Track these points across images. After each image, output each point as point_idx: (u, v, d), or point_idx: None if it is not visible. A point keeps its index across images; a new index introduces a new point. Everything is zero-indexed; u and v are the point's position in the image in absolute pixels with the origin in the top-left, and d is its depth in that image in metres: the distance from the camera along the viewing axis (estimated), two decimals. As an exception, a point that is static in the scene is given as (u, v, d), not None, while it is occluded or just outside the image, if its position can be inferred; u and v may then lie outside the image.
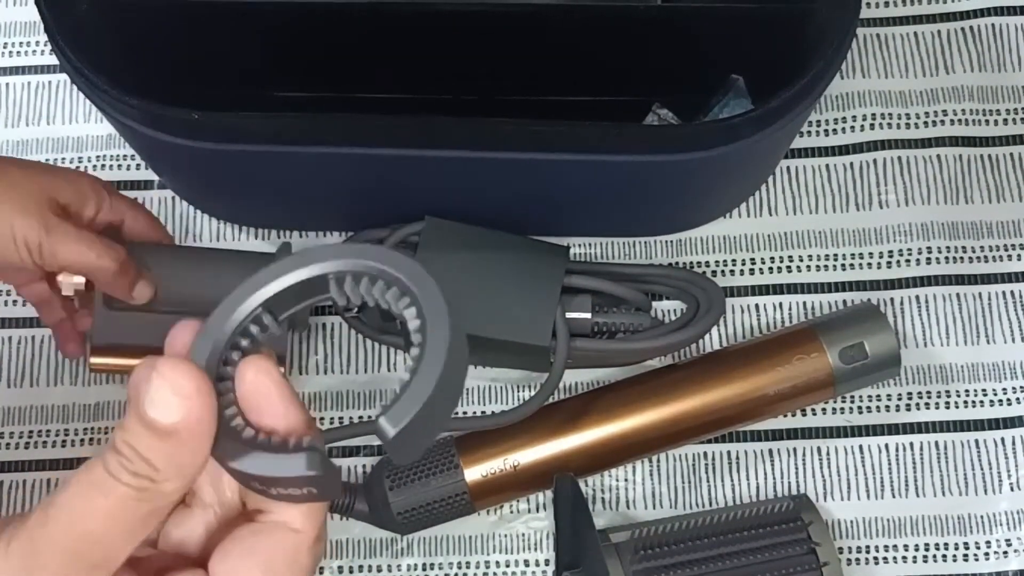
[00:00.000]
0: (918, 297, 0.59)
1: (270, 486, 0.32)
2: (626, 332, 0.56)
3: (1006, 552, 0.56)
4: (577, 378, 0.58)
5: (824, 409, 0.57)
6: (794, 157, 0.61)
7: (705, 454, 0.57)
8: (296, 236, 0.60)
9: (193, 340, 0.34)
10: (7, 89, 0.63)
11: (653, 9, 0.56)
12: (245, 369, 0.33)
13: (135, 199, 0.56)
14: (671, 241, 0.60)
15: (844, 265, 0.60)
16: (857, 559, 0.56)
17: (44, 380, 0.58)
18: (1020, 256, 0.59)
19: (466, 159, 0.51)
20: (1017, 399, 0.57)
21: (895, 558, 0.56)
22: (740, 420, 0.56)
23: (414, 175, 0.54)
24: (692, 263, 0.60)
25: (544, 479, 0.55)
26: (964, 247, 0.60)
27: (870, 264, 0.59)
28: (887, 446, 0.57)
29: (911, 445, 0.57)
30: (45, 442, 0.58)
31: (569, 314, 0.55)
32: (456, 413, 0.58)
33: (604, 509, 0.57)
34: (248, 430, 0.33)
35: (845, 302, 0.59)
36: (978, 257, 0.59)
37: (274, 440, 0.33)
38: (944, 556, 0.56)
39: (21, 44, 0.64)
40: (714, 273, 0.59)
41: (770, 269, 0.60)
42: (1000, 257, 0.59)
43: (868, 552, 0.56)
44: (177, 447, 0.31)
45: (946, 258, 0.59)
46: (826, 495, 0.57)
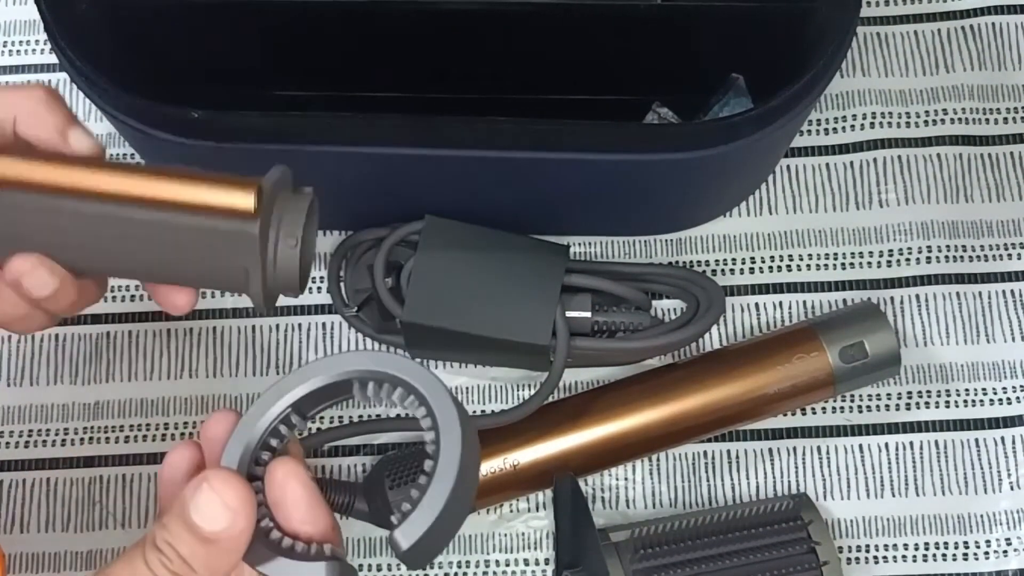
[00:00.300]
0: (918, 296, 0.59)
1: None
2: (626, 331, 0.56)
3: (1006, 551, 0.56)
4: (577, 377, 0.58)
5: (824, 408, 0.57)
6: (794, 156, 0.61)
7: (705, 453, 0.57)
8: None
9: (227, 441, 0.36)
10: (7, 88, 0.63)
11: (653, 8, 0.56)
12: (275, 471, 0.36)
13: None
14: (671, 240, 0.60)
15: (844, 264, 0.60)
16: (857, 558, 0.56)
17: (44, 379, 0.58)
18: (1020, 255, 0.59)
19: (466, 158, 0.51)
20: (1017, 398, 0.57)
21: (895, 557, 0.56)
22: (740, 419, 0.56)
23: (414, 174, 0.54)
24: (692, 262, 0.60)
25: (544, 478, 0.55)
26: (964, 246, 0.60)
27: (870, 263, 0.59)
28: (887, 445, 0.57)
29: (911, 444, 0.57)
30: (45, 441, 0.58)
31: (569, 313, 0.55)
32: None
33: (604, 508, 0.57)
34: (275, 532, 0.35)
35: (845, 301, 0.59)
36: (978, 256, 0.59)
37: (298, 547, 0.35)
38: (944, 555, 0.56)
39: (21, 43, 0.64)
40: (714, 272, 0.59)
41: (770, 268, 0.60)
42: (1000, 256, 0.59)
43: (868, 551, 0.56)
44: (216, 552, 0.34)
45: (946, 257, 0.59)
46: (826, 494, 0.57)
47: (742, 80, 0.59)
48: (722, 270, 0.60)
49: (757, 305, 0.59)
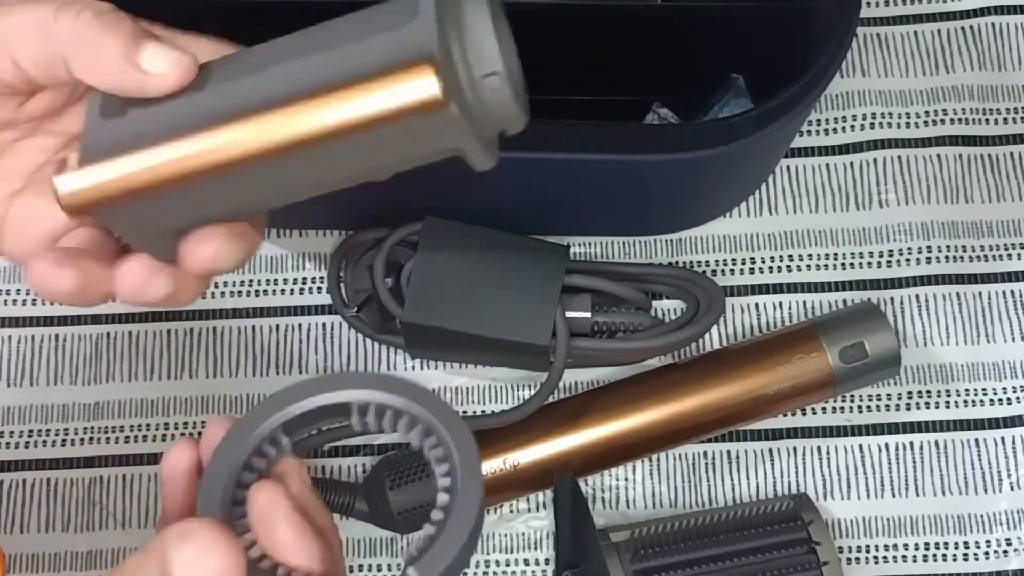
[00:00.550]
0: (918, 296, 0.59)
1: None
2: (626, 331, 0.56)
3: (1006, 552, 0.56)
4: (577, 377, 0.58)
5: (824, 408, 0.57)
6: (794, 156, 0.61)
7: (705, 453, 0.57)
8: (296, 235, 0.60)
9: (208, 462, 0.34)
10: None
11: (653, 8, 0.56)
12: (256, 499, 0.33)
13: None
14: (671, 240, 0.60)
15: (844, 264, 0.60)
16: (857, 558, 0.56)
17: (44, 379, 0.58)
18: (1020, 255, 0.59)
19: (466, 158, 0.51)
20: (1017, 398, 0.57)
21: (895, 557, 0.56)
22: (740, 419, 0.56)
23: (414, 174, 0.53)
24: (692, 262, 0.60)
25: (544, 479, 0.55)
26: (964, 246, 0.60)
27: (870, 263, 0.59)
28: (887, 445, 0.57)
29: (911, 444, 0.57)
30: (45, 441, 0.58)
31: (569, 313, 0.55)
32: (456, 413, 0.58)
33: (604, 508, 0.57)
34: (265, 561, 0.33)
35: (845, 301, 0.59)
36: (978, 256, 0.59)
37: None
38: (944, 555, 0.56)
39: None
40: (714, 272, 0.59)
41: (770, 268, 0.60)
42: (1000, 256, 0.59)
43: (868, 551, 0.56)
44: None
45: (946, 257, 0.59)
46: (826, 494, 0.57)
47: (742, 80, 0.59)
48: (722, 270, 0.60)
49: (757, 305, 0.59)
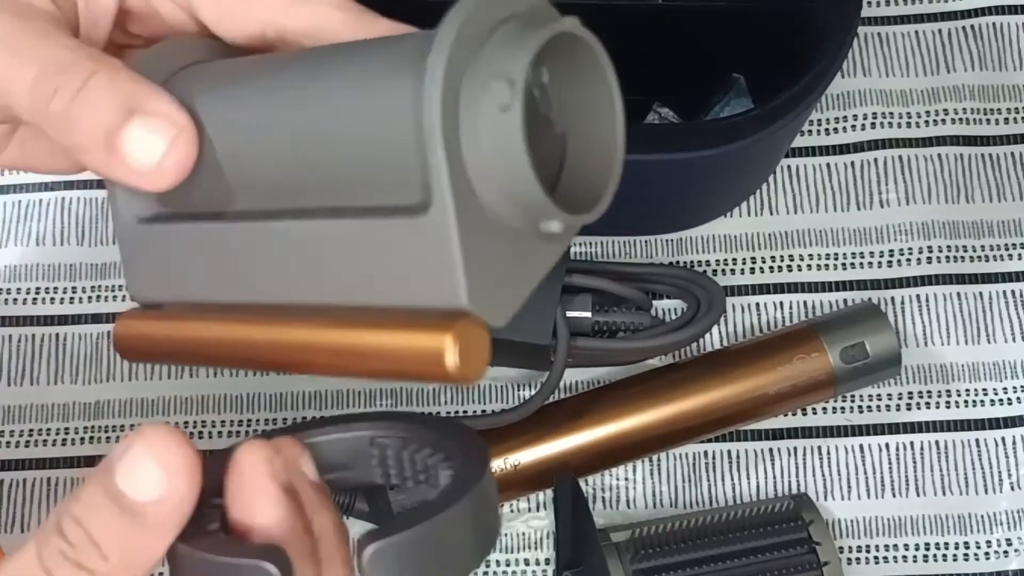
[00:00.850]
0: (919, 296, 0.59)
1: None
2: (627, 331, 0.56)
3: (1006, 552, 0.55)
4: (577, 377, 0.58)
5: (824, 408, 0.57)
6: (795, 156, 0.61)
7: (705, 453, 0.57)
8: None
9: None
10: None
11: (653, 8, 0.56)
12: (243, 455, 0.28)
13: None
14: (671, 240, 0.60)
15: (845, 264, 0.59)
16: (857, 558, 0.56)
17: (44, 379, 0.58)
18: (1021, 255, 0.59)
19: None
20: (1018, 398, 0.57)
21: (895, 557, 0.56)
22: (740, 419, 0.56)
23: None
24: (693, 262, 0.60)
25: (544, 478, 0.55)
26: (965, 246, 0.59)
27: (871, 263, 0.59)
28: (887, 445, 0.57)
29: (911, 444, 0.57)
30: (45, 440, 0.58)
31: (569, 313, 0.55)
32: (456, 413, 0.58)
33: (604, 508, 0.57)
34: (213, 524, 0.28)
35: (846, 301, 0.59)
36: (979, 256, 0.59)
37: (236, 545, 0.28)
38: (944, 556, 0.56)
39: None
40: (715, 272, 0.59)
41: (771, 268, 0.60)
42: (1001, 256, 0.59)
43: (868, 551, 0.56)
44: (140, 533, 0.26)
45: (947, 257, 0.59)
46: (826, 494, 0.57)
47: (742, 80, 0.59)
48: (723, 270, 0.60)
49: (757, 305, 0.59)
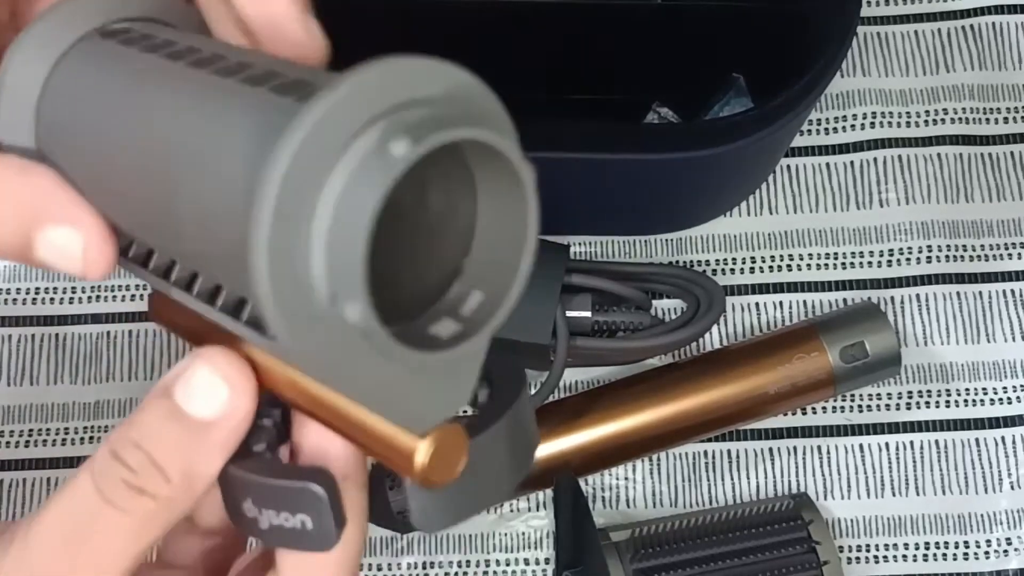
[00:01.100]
0: (918, 296, 0.59)
1: (261, 505, 0.27)
2: (626, 331, 0.56)
3: (1006, 551, 0.56)
4: (577, 377, 0.58)
5: (824, 408, 0.57)
6: (794, 156, 0.61)
7: (705, 452, 0.57)
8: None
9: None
10: (7, 88, 0.63)
11: (653, 8, 0.56)
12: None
13: None
14: (671, 240, 0.60)
15: (844, 264, 0.60)
16: (857, 558, 0.56)
17: (44, 379, 0.58)
18: (1021, 255, 0.59)
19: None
20: (1018, 398, 0.57)
21: (895, 556, 0.56)
22: (740, 419, 0.56)
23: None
24: (692, 262, 0.60)
25: (544, 478, 0.55)
26: (964, 246, 0.59)
27: (870, 263, 0.59)
28: (887, 445, 0.57)
29: (911, 444, 0.57)
30: (45, 440, 0.58)
31: (569, 312, 0.55)
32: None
33: (604, 508, 0.57)
34: (259, 445, 0.29)
35: (845, 301, 0.59)
36: (978, 256, 0.59)
37: (283, 466, 0.28)
38: (944, 555, 0.56)
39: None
40: (714, 272, 0.59)
41: (770, 268, 0.60)
42: (1000, 256, 0.59)
43: (868, 551, 0.56)
44: (205, 449, 0.26)
45: (946, 256, 0.59)
46: (826, 494, 0.57)
47: (742, 80, 0.59)
48: (722, 270, 0.60)
49: (757, 305, 0.59)
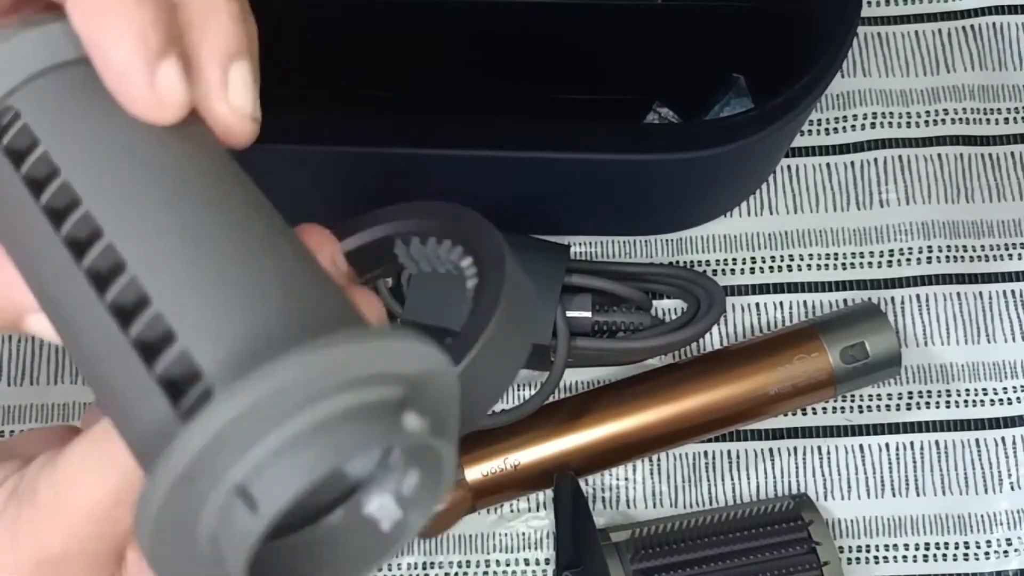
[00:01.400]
0: (919, 296, 0.59)
1: None
2: (626, 331, 0.56)
3: (1006, 551, 0.55)
4: (577, 377, 0.58)
5: (824, 408, 0.57)
6: (795, 156, 0.61)
7: (705, 453, 0.57)
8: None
9: None
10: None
11: (653, 8, 0.56)
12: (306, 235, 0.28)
13: None
14: (671, 240, 0.60)
15: (845, 264, 0.59)
16: (857, 558, 0.56)
17: (44, 379, 0.58)
18: (1021, 255, 0.59)
19: (465, 158, 0.51)
20: (1018, 398, 0.57)
21: (895, 557, 0.56)
22: (740, 419, 0.56)
23: (413, 174, 0.54)
24: (692, 262, 0.60)
25: (544, 478, 0.55)
26: (965, 246, 0.59)
27: (871, 263, 0.59)
28: (887, 445, 0.57)
29: (911, 444, 0.57)
30: (45, 441, 0.58)
31: (569, 313, 0.55)
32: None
33: (604, 508, 0.57)
34: None
35: (846, 301, 0.59)
36: (979, 256, 0.59)
37: None
38: (944, 555, 0.56)
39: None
40: (715, 272, 0.59)
41: (771, 268, 0.60)
42: (1001, 256, 0.59)
43: (868, 551, 0.56)
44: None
45: (947, 257, 0.59)
46: (826, 494, 0.57)
47: (742, 80, 0.59)
48: (723, 270, 0.60)
49: (758, 305, 0.59)
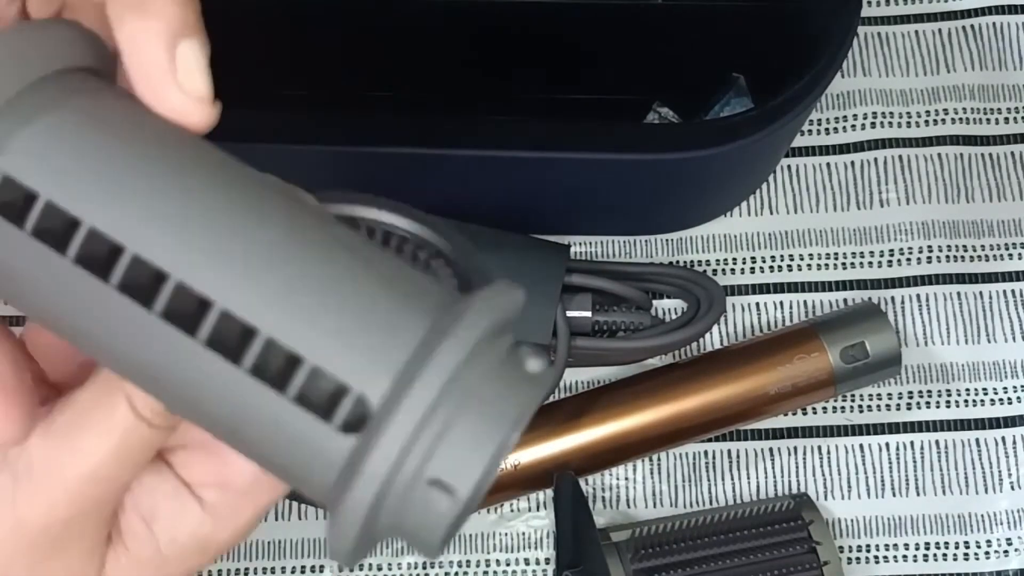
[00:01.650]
0: (919, 296, 0.59)
1: None
2: (627, 331, 0.56)
3: (1007, 551, 0.56)
4: (577, 377, 0.58)
5: (825, 408, 0.57)
6: (795, 156, 0.61)
7: (706, 452, 0.57)
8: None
9: None
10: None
11: (654, 7, 0.56)
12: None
13: None
14: (671, 240, 0.60)
15: (845, 264, 0.59)
16: (858, 558, 0.56)
17: (44, 379, 0.58)
18: (1021, 255, 0.59)
19: (465, 158, 0.51)
20: (1018, 398, 0.57)
21: (895, 557, 0.56)
22: (740, 419, 0.56)
23: (412, 174, 0.54)
24: (693, 262, 0.60)
25: (544, 478, 0.55)
26: (965, 246, 0.59)
27: (871, 263, 0.59)
28: (888, 445, 0.57)
29: (911, 444, 0.57)
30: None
31: (569, 313, 0.55)
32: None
33: (604, 508, 0.57)
34: None
35: (846, 301, 0.59)
36: (979, 256, 0.59)
37: None
38: (944, 555, 0.56)
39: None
40: (715, 272, 0.59)
41: (771, 268, 0.60)
42: (1001, 256, 0.59)
43: (869, 551, 0.56)
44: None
45: (947, 257, 0.59)
46: (827, 494, 0.57)
47: (742, 80, 0.59)
48: (723, 270, 0.60)
49: (758, 305, 0.59)
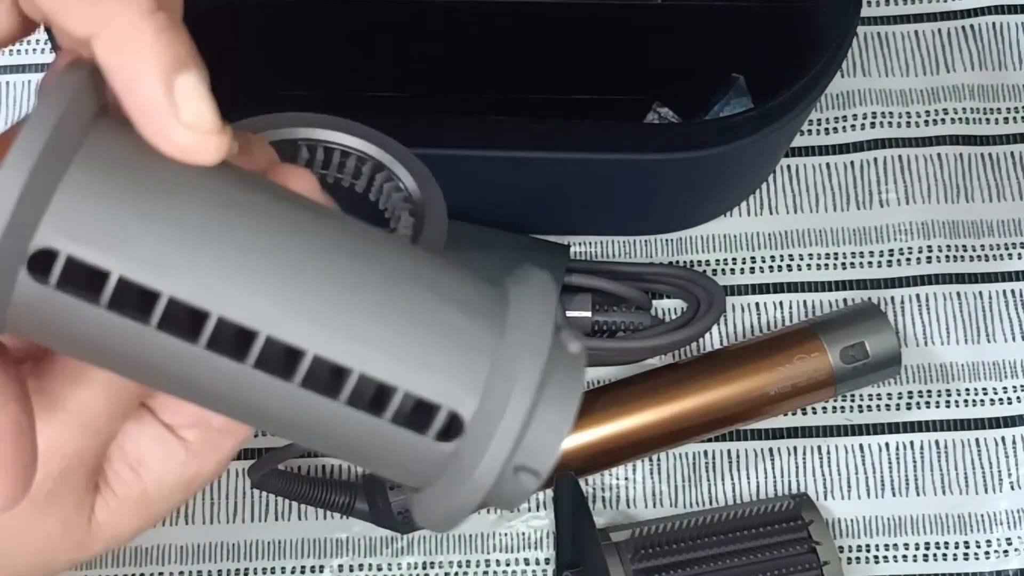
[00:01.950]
0: (918, 296, 0.59)
1: None
2: (626, 331, 0.56)
3: (1006, 551, 0.56)
4: (577, 377, 0.58)
5: (824, 408, 0.57)
6: (794, 156, 0.61)
7: (705, 452, 0.57)
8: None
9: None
10: (7, 88, 0.63)
11: (653, 8, 0.56)
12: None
13: None
14: (671, 240, 0.60)
15: (844, 264, 0.60)
16: (857, 558, 0.56)
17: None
18: (1021, 255, 0.59)
19: (466, 158, 0.51)
20: (1018, 398, 0.57)
21: (895, 557, 0.56)
22: (740, 419, 0.56)
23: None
24: (692, 262, 0.60)
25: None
26: (964, 246, 0.59)
27: (871, 263, 0.59)
28: (887, 445, 0.57)
29: (911, 444, 0.57)
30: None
31: (569, 313, 0.55)
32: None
33: (604, 508, 0.57)
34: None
35: (846, 301, 0.59)
36: (978, 256, 0.59)
37: None
38: (944, 555, 0.56)
39: (21, 42, 0.64)
40: (714, 272, 0.59)
41: (770, 268, 0.60)
42: (1000, 256, 0.59)
43: (868, 551, 0.56)
44: None
45: (947, 257, 0.59)
46: (826, 494, 0.57)
47: (742, 80, 0.59)
48: (722, 270, 0.60)
49: (757, 305, 0.59)
